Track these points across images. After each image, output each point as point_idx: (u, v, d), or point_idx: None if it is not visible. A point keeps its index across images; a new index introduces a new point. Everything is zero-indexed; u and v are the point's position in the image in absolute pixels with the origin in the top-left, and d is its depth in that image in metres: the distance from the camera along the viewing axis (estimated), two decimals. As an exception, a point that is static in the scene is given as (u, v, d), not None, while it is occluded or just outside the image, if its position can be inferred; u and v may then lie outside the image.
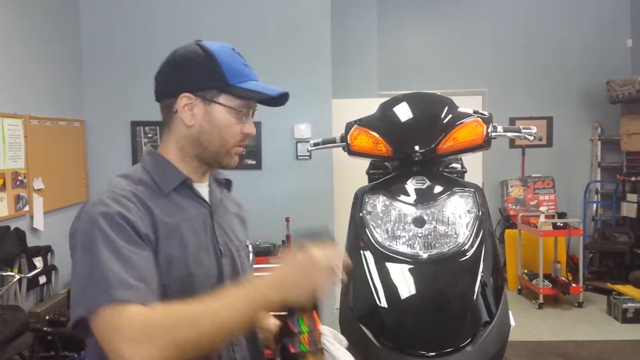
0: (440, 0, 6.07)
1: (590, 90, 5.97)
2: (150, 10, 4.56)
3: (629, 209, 5.52)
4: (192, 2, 4.55)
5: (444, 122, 1.96)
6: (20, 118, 3.54)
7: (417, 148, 1.92)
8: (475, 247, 1.77)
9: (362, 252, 1.81)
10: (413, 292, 1.69)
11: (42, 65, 3.90)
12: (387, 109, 2.08)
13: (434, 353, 1.58)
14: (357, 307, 1.75)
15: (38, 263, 3.56)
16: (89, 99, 4.53)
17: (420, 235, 1.79)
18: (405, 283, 1.70)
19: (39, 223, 3.69)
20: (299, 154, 4.59)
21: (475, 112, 2.00)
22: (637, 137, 5.42)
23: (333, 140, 2.24)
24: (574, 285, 4.94)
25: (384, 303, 1.67)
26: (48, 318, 3.36)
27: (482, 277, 1.72)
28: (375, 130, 2.01)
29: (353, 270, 1.75)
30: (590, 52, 6.00)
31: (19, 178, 3.52)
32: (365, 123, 2.06)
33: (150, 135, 4.53)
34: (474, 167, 4.21)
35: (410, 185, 1.90)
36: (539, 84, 6.05)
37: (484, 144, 1.98)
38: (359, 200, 1.93)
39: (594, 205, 6.09)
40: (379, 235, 1.82)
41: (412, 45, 6.13)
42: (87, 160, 4.51)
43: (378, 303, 1.67)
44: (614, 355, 3.91)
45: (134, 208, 1.03)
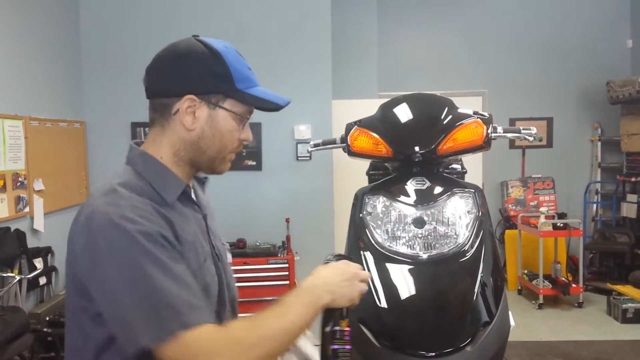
0: (440, 1, 6.07)
1: (590, 91, 5.96)
2: (150, 11, 4.56)
3: (629, 210, 5.51)
4: (192, 2, 4.55)
5: (444, 123, 1.96)
6: (21, 119, 3.55)
7: (417, 149, 1.92)
8: (475, 247, 1.76)
9: (362, 252, 1.81)
10: (413, 292, 1.69)
11: (42, 66, 3.90)
12: (387, 110, 2.08)
13: (434, 353, 1.58)
14: (357, 307, 1.75)
15: (38, 264, 3.56)
16: (89, 100, 4.54)
17: (420, 236, 1.79)
18: (405, 283, 1.70)
19: (39, 224, 3.69)
20: (299, 155, 4.59)
21: (475, 112, 2.00)
22: (637, 137, 5.42)
23: (333, 141, 2.24)
24: (574, 286, 4.94)
25: (384, 303, 1.67)
26: (48, 319, 3.36)
27: (482, 277, 1.71)
28: (376, 131, 2.00)
29: None
30: (590, 52, 6.00)
31: (20, 179, 3.52)
32: (366, 124, 2.06)
33: (151, 136, 4.53)
34: (474, 167, 4.22)
35: (410, 186, 1.89)
36: (539, 85, 6.04)
37: (484, 145, 1.97)
38: (359, 201, 1.93)
39: (594, 206, 6.08)
40: (379, 236, 1.82)
41: (412, 46, 6.12)
42: (87, 162, 4.52)
43: (378, 303, 1.67)
44: (614, 356, 3.91)
45: (164, 225, 0.99)
